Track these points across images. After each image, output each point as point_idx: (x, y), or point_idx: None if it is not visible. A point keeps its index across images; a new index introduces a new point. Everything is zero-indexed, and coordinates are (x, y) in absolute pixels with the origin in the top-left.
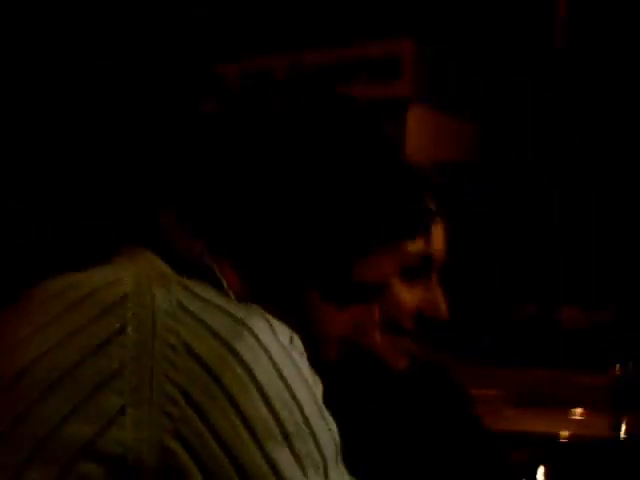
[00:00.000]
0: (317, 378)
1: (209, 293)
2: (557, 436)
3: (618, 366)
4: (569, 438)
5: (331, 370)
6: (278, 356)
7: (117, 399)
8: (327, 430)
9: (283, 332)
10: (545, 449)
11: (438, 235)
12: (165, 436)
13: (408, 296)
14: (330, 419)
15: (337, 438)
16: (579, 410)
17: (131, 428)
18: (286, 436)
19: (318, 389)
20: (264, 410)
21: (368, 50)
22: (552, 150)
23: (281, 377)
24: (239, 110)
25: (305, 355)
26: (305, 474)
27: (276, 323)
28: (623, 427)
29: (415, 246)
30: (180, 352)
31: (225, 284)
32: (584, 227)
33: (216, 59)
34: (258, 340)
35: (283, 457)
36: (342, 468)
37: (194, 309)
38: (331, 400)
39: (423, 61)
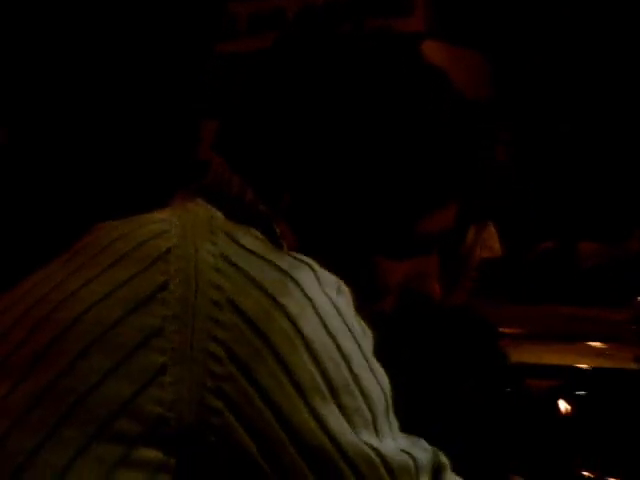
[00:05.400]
0: (367, 329)
1: (255, 243)
2: (579, 368)
3: None
4: (591, 370)
5: (386, 321)
6: (324, 308)
7: (158, 357)
8: (376, 384)
9: (330, 282)
10: (567, 381)
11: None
12: (208, 395)
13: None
14: (381, 372)
15: (388, 392)
16: (601, 343)
17: (172, 387)
18: (334, 391)
19: (368, 341)
20: (311, 365)
21: None
22: (566, 85)
23: (328, 331)
24: (294, 57)
25: (353, 305)
26: (353, 428)
27: (323, 273)
28: None
29: None
30: (224, 308)
31: (278, 232)
32: (598, 158)
33: None
34: (304, 292)
35: (330, 412)
36: (394, 422)
37: (239, 262)
38: (384, 351)
39: None
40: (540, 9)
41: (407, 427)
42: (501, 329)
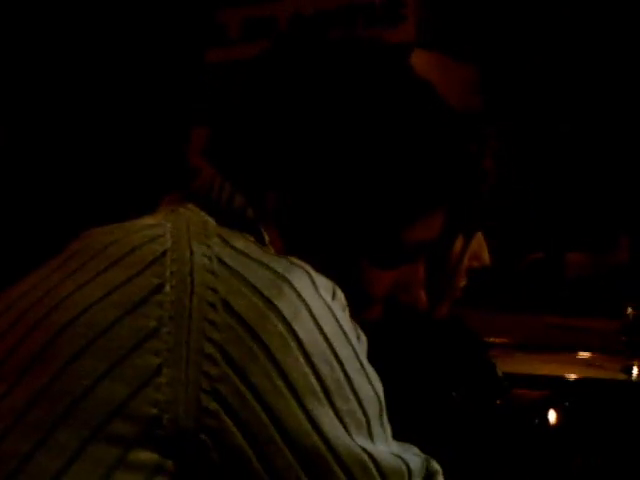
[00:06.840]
0: (361, 334)
1: (249, 247)
2: (567, 378)
3: (630, 308)
4: (579, 380)
5: (374, 328)
6: (319, 312)
7: (153, 359)
8: (369, 387)
9: (325, 286)
10: (556, 391)
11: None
12: (203, 396)
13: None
14: (374, 376)
15: (381, 396)
16: (589, 354)
17: (167, 389)
18: (327, 394)
19: (361, 345)
20: (305, 367)
21: None
22: (558, 96)
23: (322, 333)
24: (284, 67)
25: (348, 310)
26: (347, 431)
27: (318, 277)
28: (635, 369)
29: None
30: (219, 310)
31: (267, 238)
32: (588, 168)
33: (218, 5)
34: (299, 295)
35: (324, 415)
36: (386, 426)
37: (233, 264)
38: (376, 357)
39: (427, 4)
40: (537, 14)
41: (397, 435)
42: (490, 339)
